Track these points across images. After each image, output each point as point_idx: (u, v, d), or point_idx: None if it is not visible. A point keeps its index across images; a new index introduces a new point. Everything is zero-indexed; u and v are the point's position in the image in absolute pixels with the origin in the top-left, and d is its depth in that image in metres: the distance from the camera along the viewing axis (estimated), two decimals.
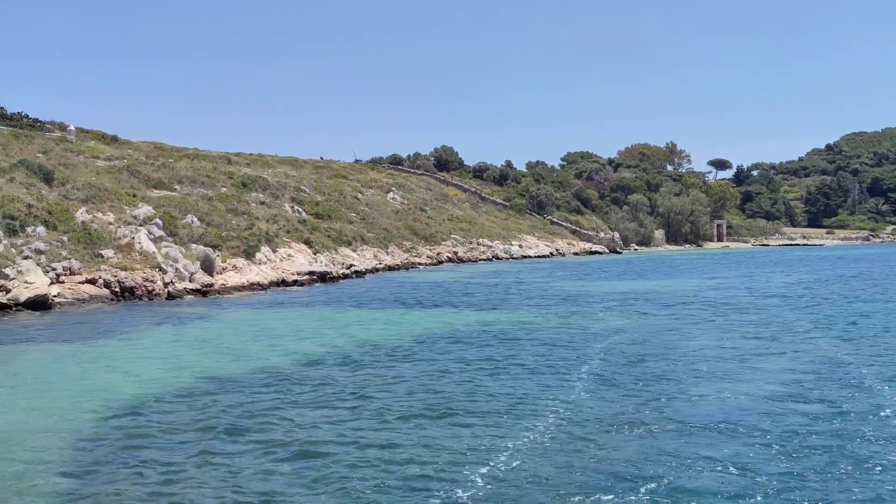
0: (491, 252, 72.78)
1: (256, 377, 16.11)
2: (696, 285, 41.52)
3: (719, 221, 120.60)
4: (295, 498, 8.99)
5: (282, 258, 44.21)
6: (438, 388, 14.81)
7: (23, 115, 67.62)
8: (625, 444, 11.05)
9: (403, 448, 10.87)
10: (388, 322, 25.50)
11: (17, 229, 32.57)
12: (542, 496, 8.98)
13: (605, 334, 22.23)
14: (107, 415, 12.96)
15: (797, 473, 9.69)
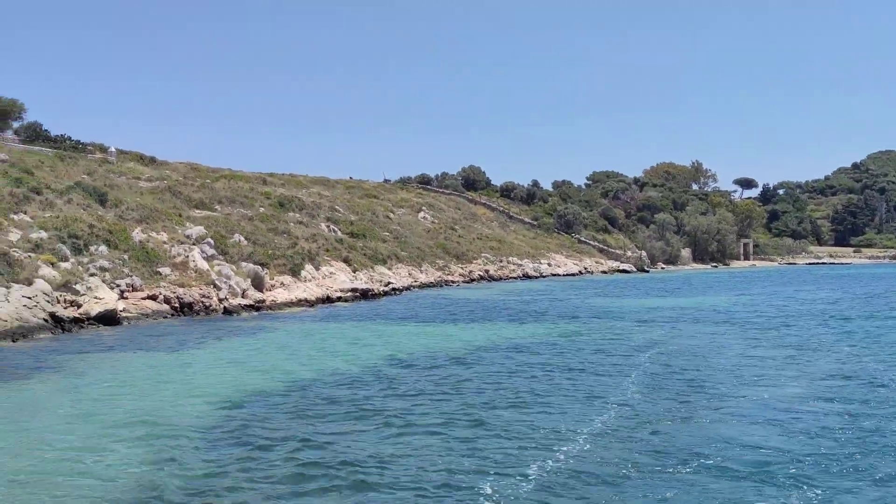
0: (521, 270, 74.56)
1: (343, 378, 18.22)
2: (726, 302, 43.13)
3: (746, 240, 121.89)
4: (412, 462, 10.81)
5: (324, 275, 46.19)
6: (507, 387, 16.75)
7: (66, 137, 70.22)
8: (675, 433, 12.87)
9: (494, 428, 12.88)
10: (440, 335, 27.37)
11: (82, 248, 34.72)
12: (614, 469, 10.78)
13: (646, 345, 24.00)
14: (223, 405, 14.92)
15: (829, 460, 11.41)
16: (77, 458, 11.51)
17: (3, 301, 27.06)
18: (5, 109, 65.15)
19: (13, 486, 10.16)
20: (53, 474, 10.67)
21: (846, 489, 9.99)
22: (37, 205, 38.87)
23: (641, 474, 10.55)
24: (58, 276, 31.03)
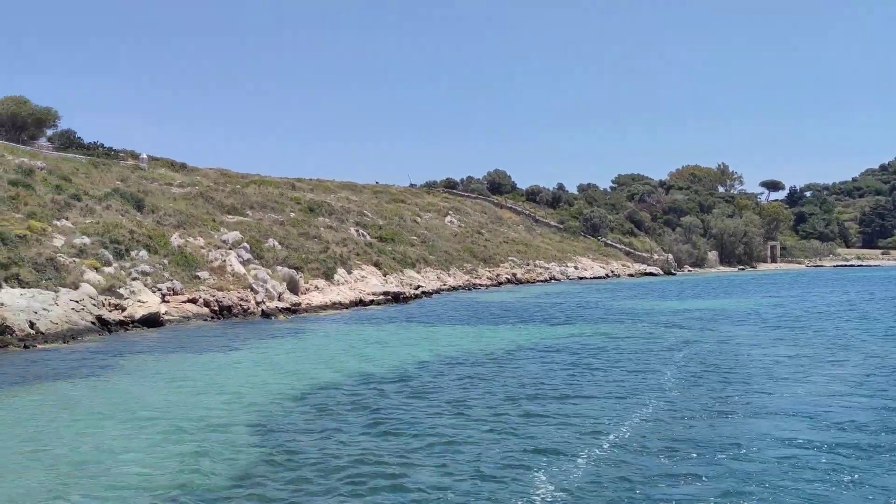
0: (548, 273, 75.19)
1: (394, 373, 19.15)
2: (755, 304, 43.61)
3: (773, 243, 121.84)
4: (471, 446, 11.57)
5: (356, 279, 47.10)
6: (548, 383, 17.57)
7: (99, 144, 71.64)
8: (713, 425, 13.59)
9: (543, 417, 13.73)
10: (477, 336, 28.17)
11: (123, 253, 35.77)
12: (655, 457, 11.50)
13: (678, 345, 24.67)
14: (289, 397, 15.84)
15: (861, 450, 12.06)
16: (145, 447, 12.37)
17: (52, 305, 28.09)
18: (40, 118, 66.54)
19: (77, 472, 11.00)
20: (114, 462, 11.54)
21: (879, 477, 10.62)
22: (77, 211, 39.99)
23: (681, 462, 11.25)
24: (102, 281, 32.08)
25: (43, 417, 14.50)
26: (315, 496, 9.95)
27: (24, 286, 28.51)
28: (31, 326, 26.25)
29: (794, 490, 9.99)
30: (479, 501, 9.61)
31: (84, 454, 11.98)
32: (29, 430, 13.46)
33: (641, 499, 9.70)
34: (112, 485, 10.50)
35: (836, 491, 10.00)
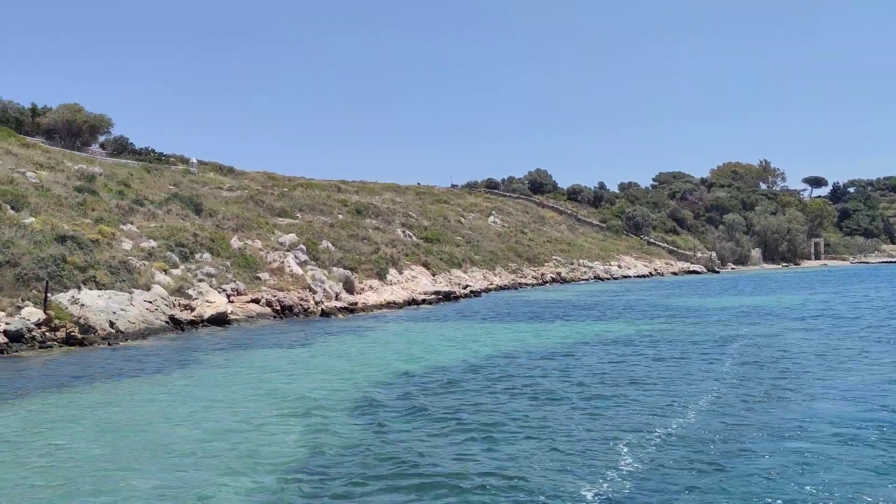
0: (592, 272, 76.12)
1: (463, 365, 20.49)
2: (801, 300, 44.39)
3: (816, 240, 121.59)
4: (552, 423, 12.83)
5: (407, 279, 48.52)
6: (612, 373, 18.91)
7: (150, 149, 73.79)
8: (771, 406, 14.91)
9: (614, 402, 15.15)
10: (533, 332, 29.44)
11: (188, 255, 37.46)
12: (723, 435, 12.70)
13: (731, 338, 25.81)
14: (371, 384, 17.20)
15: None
16: (261, 427, 13.81)
17: (128, 305, 29.78)
18: (94, 124, 68.71)
19: (200, 449, 12.43)
20: (242, 438, 12.96)
21: None
22: (141, 216, 41.81)
23: (746, 438, 12.48)
24: (171, 282, 33.77)
25: (162, 405, 16.01)
26: (423, 462, 11.27)
27: (100, 288, 30.22)
28: (111, 326, 27.92)
29: (850, 462, 11.15)
30: (574, 468, 10.92)
31: (209, 433, 13.43)
32: (156, 415, 14.95)
33: (712, 470, 10.89)
34: (247, 455, 11.96)
35: (887, 464, 11.12)
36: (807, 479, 10.41)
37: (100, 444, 12.89)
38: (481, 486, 10.34)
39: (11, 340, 25.03)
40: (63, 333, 26.40)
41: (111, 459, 11.93)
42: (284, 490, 10.40)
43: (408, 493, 10.24)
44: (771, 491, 10.00)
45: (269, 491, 10.38)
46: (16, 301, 27.09)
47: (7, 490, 10.53)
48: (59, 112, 67.95)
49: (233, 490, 10.40)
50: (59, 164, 48.80)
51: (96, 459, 11.95)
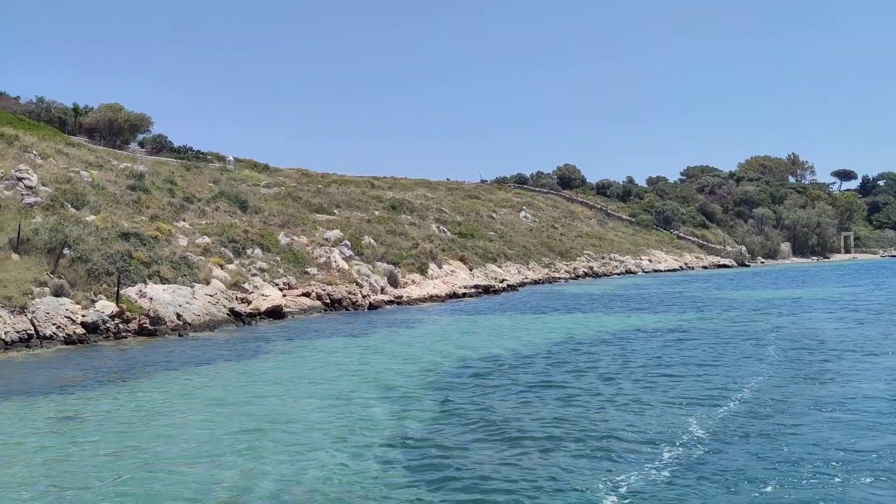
0: (623, 266, 77.39)
1: (525, 350, 21.98)
2: (834, 292, 45.62)
3: (846, 233, 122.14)
4: (629, 396, 14.33)
5: (446, 273, 50.06)
6: (668, 356, 20.45)
7: (188, 147, 75.66)
8: (817, 385, 16.45)
9: (677, 381, 16.76)
10: (581, 322, 31.01)
11: (241, 251, 39.16)
12: (775, 408, 14.17)
13: (772, 328, 27.27)
14: (442, 367, 18.75)
15: None
16: (350, 400, 15.38)
17: (192, 298, 31.51)
18: (135, 123, 70.70)
19: (309, 419, 14.00)
20: (332, 412, 14.52)
21: None
22: (192, 213, 43.58)
23: (796, 412, 13.96)
24: (228, 277, 35.47)
25: (260, 385, 17.69)
26: (510, 435, 12.78)
27: (164, 282, 31.94)
28: (178, 318, 29.65)
29: (893, 431, 12.60)
30: (650, 433, 12.48)
31: (311, 407, 15.04)
32: (258, 393, 16.57)
33: (770, 436, 12.34)
34: (350, 423, 13.56)
35: None
36: (852, 445, 11.86)
37: (216, 415, 14.56)
38: (574, 440, 11.95)
39: (88, 331, 26.79)
40: (136, 325, 28.18)
41: (225, 427, 13.55)
42: (391, 450, 11.95)
43: (503, 447, 11.78)
44: (823, 453, 11.44)
45: (377, 451, 11.92)
46: (89, 294, 28.86)
47: (161, 449, 12.12)
48: (101, 112, 70.01)
49: (346, 451, 11.94)
50: (107, 163, 50.60)
51: (217, 426, 13.57)
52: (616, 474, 10.61)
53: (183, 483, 10.67)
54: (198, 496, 10.15)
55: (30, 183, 37.74)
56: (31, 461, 11.87)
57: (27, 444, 13.02)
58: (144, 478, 10.93)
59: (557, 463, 11.25)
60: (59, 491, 10.46)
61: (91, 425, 14.22)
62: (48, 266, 29.20)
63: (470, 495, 10.01)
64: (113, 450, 12.46)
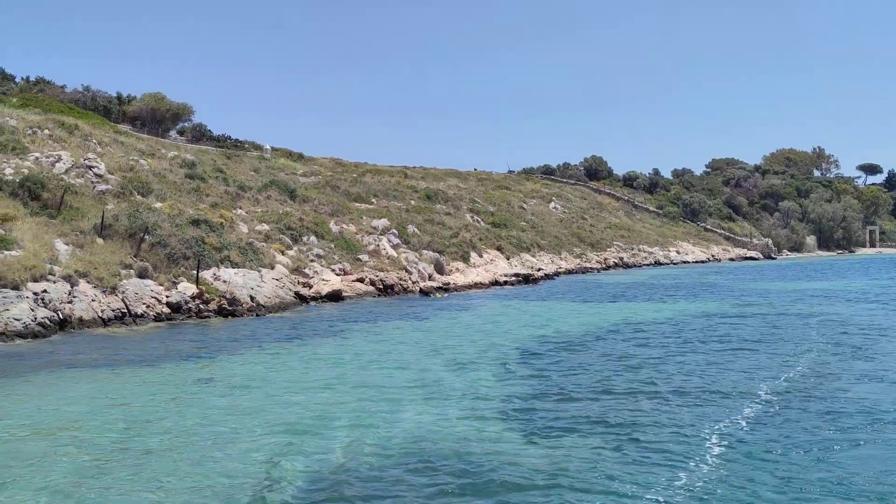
0: (652, 258, 79.51)
1: (581, 332, 24.22)
2: (863, 285, 47.73)
3: (871, 227, 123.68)
4: (679, 370, 16.59)
5: (486, 262, 52.37)
6: (724, 335, 22.74)
7: (227, 136, 78.07)
8: (861, 365, 18.51)
9: (740, 355, 18.98)
10: (630, 308, 33.44)
11: (297, 238, 41.56)
12: (826, 382, 16.43)
13: (812, 314, 29.59)
14: (516, 343, 21.04)
15: None
16: (456, 370, 17.73)
17: (261, 282, 33.95)
18: (177, 112, 73.18)
19: (391, 389, 16.31)
20: (431, 379, 16.85)
21: None
22: (247, 201, 46.02)
23: (847, 383, 16.16)
24: (290, 262, 37.89)
25: (359, 356, 20.05)
26: (619, 389, 15.07)
27: (234, 266, 34.37)
28: (252, 300, 32.09)
29: None
30: (729, 392, 14.83)
31: (412, 377, 17.36)
32: (360, 363, 18.93)
33: (822, 401, 14.59)
34: (453, 387, 15.89)
35: None
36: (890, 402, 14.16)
37: (332, 377, 16.98)
38: (673, 393, 14.30)
39: (173, 311, 29.26)
40: (215, 305, 30.62)
41: (339, 388, 15.92)
42: (492, 408, 14.25)
43: (612, 397, 14.09)
44: (871, 409, 13.72)
45: (482, 409, 14.21)
46: (170, 277, 31.31)
47: (300, 399, 14.47)
48: (144, 100, 72.45)
49: (456, 409, 14.26)
50: (157, 152, 53.04)
51: (337, 386, 15.95)
52: (714, 420, 13.20)
53: (314, 416, 13.12)
54: (336, 423, 12.50)
55: (99, 171, 40.20)
56: (190, 412, 14.24)
57: (182, 398, 15.41)
58: (289, 422, 13.29)
59: (665, 409, 13.87)
60: (232, 432, 12.83)
61: (231, 384, 16.63)
62: (131, 250, 31.68)
63: (593, 427, 12.36)
64: (259, 402, 14.86)
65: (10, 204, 32.22)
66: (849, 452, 11.35)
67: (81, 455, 11.56)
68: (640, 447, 11.71)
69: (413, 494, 9.84)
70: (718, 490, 9.81)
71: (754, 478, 10.24)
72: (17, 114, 46.76)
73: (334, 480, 10.40)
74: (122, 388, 16.34)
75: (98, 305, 27.46)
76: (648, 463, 10.97)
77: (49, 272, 27.38)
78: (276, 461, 11.17)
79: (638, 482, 10.11)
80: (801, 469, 10.62)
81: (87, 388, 16.26)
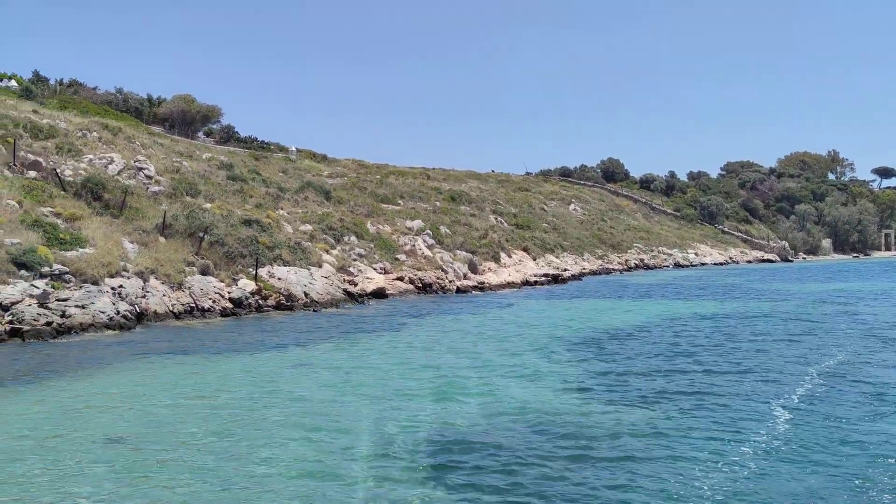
0: (672, 259, 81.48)
1: (629, 327, 26.21)
2: (884, 286, 49.61)
3: (887, 230, 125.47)
4: (727, 357, 18.58)
5: (515, 262, 54.43)
6: (766, 329, 24.84)
7: (254, 138, 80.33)
8: (887, 353, 20.46)
9: (786, 344, 21.10)
10: (665, 306, 35.56)
11: (339, 238, 43.66)
12: (863, 365, 18.43)
13: (836, 312, 31.48)
14: (573, 335, 23.18)
15: None
16: (513, 356, 19.79)
17: (312, 280, 36.05)
18: (206, 114, 75.46)
19: (457, 373, 18.38)
20: (505, 365, 18.90)
21: None
22: (287, 202, 48.13)
23: (882, 369, 18.18)
24: (335, 261, 39.99)
25: (427, 346, 22.09)
26: (683, 369, 17.11)
27: (285, 265, 36.46)
28: (306, 296, 34.19)
29: None
30: (781, 376, 16.93)
31: (481, 364, 19.44)
32: (428, 352, 20.99)
33: (861, 384, 16.59)
34: (510, 374, 17.96)
35: None
36: None
37: (426, 361, 19.05)
38: (737, 373, 16.31)
39: (235, 306, 31.36)
40: (273, 301, 32.74)
41: (441, 368, 18.00)
42: (584, 382, 16.30)
43: (681, 374, 16.13)
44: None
45: (574, 384, 16.25)
46: (230, 274, 33.43)
47: (364, 384, 16.53)
48: (175, 102, 74.75)
49: (551, 384, 16.31)
50: (194, 153, 55.21)
51: (426, 369, 18.02)
52: (777, 395, 15.33)
53: (434, 388, 15.23)
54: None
55: (148, 173, 42.36)
56: (306, 384, 16.33)
57: (288, 378, 17.49)
58: (386, 396, 15.37)
59: (733, 385, 16.02)
60: (325, 402, 14.92)
61: (332, 366, 18.76)
62: (192, 248, 33.81)
63: (674, 396, 14.39)
64: (377, 376, 16.98)
65: (75, 204, 34.39)
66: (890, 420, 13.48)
67: (224, 416, 13.66)
68: (724, 410, 13.96)
69: (543, 443, 11.90)
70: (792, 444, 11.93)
71: (817, 438, 12.31)
72: (62, 116, 48.95)
73: (479, 431, 12.46)
74: (228, 371, 18.44)
75: (168, 300, 29.59)
76: (735, 420, 13.21)
77: (123, 269, 29.53)
78: (440, 408, 13.40)
79: (728, 439, 12.21)
80: (852, 431, 12.71)
81: (198, 370, 18.37)
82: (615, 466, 11.01)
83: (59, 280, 27.20)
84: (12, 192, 33.07)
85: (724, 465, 11.00)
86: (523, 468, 10.91)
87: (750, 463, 11.09)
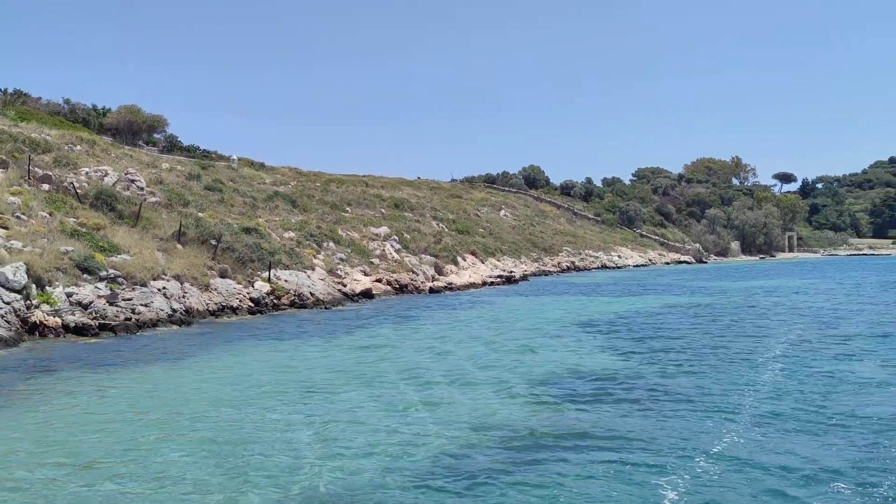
0: (598, 262, 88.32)
1: (606, 317, 31.87)
2: (799, 283, 57.08)
3: (790, 233, 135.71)
4: (698, 342, 24.36)
5: (470, 265, 59.98)
6: (721, 318, 30.73)
7: (196, 147, 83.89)
8: (835, 334, 26.64)
9: (743, 326, 26.97)
10: (621, 301, 41.63)
11: (320, 243, 48.45)
12: (814, 339, 24.48)
13: (773, 303, 37.96)
14: (570, 323, 28.70)
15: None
16: (523, 345, 25.25)
17: (314, 282, 40.89)
18: (152, 124, 78.88)
19: (477, 358, 23.78)
20: (508, 356, 24.33)
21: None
22: (262, 210, 52.63)
23: (829, 351, 24.24)
24: (323, 265, 44.84)
25: (444, 335, 27.32)
26: (679, 348, 22.72)
27: (285, 268, 41.20)
28: (312, 295, 39.04)
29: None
30: (755, 349, 22.75)
31: (490, 358, 24.80)
32: (445, 340, 26.26)
33: (814, 353, 22.54)
34: (528, 366, 23.45)
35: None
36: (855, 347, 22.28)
37: (465, 336, 24.33)
38: (712, 348, 22.09)
39: (255, 305, 36.03)
40: (287, 300, 37.50)
41: (449, 353, 23.33)
42: (607, 350, 21.81)
43: (681, 353, 21.72)
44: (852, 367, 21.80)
45: (600, 351, 21.73)
46: (245, 277, 38.06)
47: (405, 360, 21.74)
48: (121, 113, 77.98)
49: (582, 350, 21.76)
50: (157, 164, 59.11)
51: (451, 355, 23.30)
52: (751, 369, 21.05)
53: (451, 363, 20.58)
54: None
55: (140, 184, 46.48)
56: (348, 367, 21.46)
57: (332, 357, 22.54)
58: (435, 379, 20.67)
59: (716, 359, 21.71)
60: (388, 383, 20.12)
61: (374, 348, 23.89)
62: (208, 254, 38.32)
63: (680, 357, 20.04)
64: (402, 362, 22.18)
65: (95, 214, 38.52)
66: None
67: (322, 383, 18.76)
68: (719, 373, 19.70)
69: (593, 390, 17.38)
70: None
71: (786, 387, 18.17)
72: (44, 129, 52.49)
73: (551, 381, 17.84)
74: (307, 353, 23.39)
75: (203, 300, 34.15)
76: (731, 373, 19.02)
77: (162, 273, 33.97)
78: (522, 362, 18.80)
79: (725, 389, 17.92)
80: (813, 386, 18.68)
81: (285, 352, 23.30)
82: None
83: (114, 282, 31.55)
84: (40, 205, 37.09)
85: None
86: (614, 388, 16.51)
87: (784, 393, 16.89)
